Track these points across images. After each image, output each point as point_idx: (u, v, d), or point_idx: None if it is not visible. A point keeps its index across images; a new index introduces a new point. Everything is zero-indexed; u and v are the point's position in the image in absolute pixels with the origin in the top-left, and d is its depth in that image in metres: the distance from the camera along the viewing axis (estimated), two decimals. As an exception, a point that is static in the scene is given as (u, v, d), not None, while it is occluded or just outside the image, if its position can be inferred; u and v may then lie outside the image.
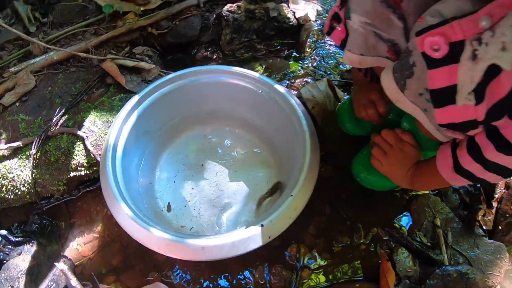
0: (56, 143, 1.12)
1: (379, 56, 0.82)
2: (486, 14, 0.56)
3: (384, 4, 0.71)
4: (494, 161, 0.75)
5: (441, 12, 0.61)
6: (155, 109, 1.14)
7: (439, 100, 0.68)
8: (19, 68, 1.29)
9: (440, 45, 0.61)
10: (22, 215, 1.20)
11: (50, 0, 1.57)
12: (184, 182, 1.18)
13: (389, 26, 0.74)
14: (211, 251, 0.84)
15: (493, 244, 1.21)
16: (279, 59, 1.57)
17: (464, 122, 0.67)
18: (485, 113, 0.63)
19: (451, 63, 0.61)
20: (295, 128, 1.05)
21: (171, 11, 1.52)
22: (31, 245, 1.14)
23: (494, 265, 1.19)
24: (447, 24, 0.59)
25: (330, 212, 1.15)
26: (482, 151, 0.74)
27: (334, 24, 0.89)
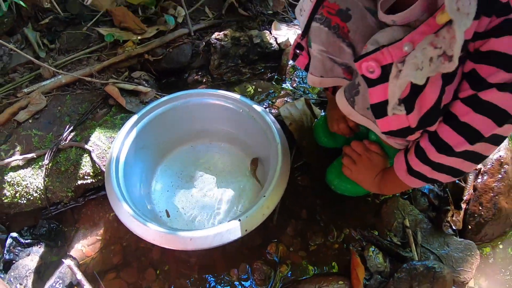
0: (66, 155, 1.27)
1: (337, 77, 1.00)
2: (408, 40, 0.71)
3: (335, 35, 0.89)
4: (438, 161, 0.87)
5: (378, 41, 0.77)
6: (151, 127, 1.29)
7: (378, 112, 0.84)
8: (31, 89, 1.44)
9: (374, 68, 0.77)
10: (31, 220, 1.31)
11: (56, 28, 1.72)
12: (178, 190, 1.33)
13: (341, 53, 0.91)
14: (197, 241, 0.99)
15: (463, 242, 1.31)
16: (262, 81, 1.72)
17: (400, 129, 0.83)
18: (418, 121, 0.79)
19: (383, 82, 0.77)
20: (269, 141, 1.21)
21: (165, 40, 1.67)
22: (39, 247, 1.25)
23: (465, 262, 1.28)
24: (378, 51, 0.75)
25: (306, 216, 1.29)
26: (427, 154, 0.87)
27: (297, 52, 1.07)
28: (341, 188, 1.31)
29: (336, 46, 0.92)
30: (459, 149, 0.81)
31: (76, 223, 1.31)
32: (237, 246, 1.22)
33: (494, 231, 1.39)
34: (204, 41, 1.73)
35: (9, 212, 1.28)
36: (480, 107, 0.74)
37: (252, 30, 1.75)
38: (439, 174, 0.90)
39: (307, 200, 1.32)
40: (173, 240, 1.00)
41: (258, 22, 1.86)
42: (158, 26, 1.69)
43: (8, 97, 1.46)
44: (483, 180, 1.42)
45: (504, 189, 1.40)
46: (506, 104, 0.71)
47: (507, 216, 1.39)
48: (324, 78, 1.02)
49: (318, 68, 1.01)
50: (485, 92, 0.71)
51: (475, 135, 0.78)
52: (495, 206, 1.37)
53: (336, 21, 0.89)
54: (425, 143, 0.86)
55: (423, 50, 0.69)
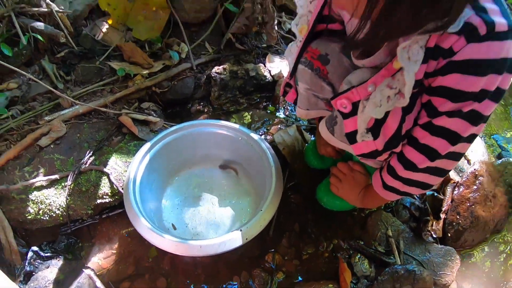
0: (86, 177, 1.44)
1: (320, 109, 1.20)
2: (372, 82, 0.90)
3: (317, 76, 1.10)
4: (407, 177, 1.04)
5: (350, 81, 0.96)
6: (162, 153, 1.47)
7: (351, 139, 1.04)
8: (52, 118, 1.60)
9: (346, 105, 0.97)
10: (49, 235, 1.44)
11: (71, 61, 1.88)
12: (185, 208, 1.50)
13: (322, 90, 1.12)
14: (206, 248, 1.17)
15: (443, 248, 1.46)
16: (258, 110, 1.90)
17: (370, 152, 1.02)
18: (383, 145, 0.97)
19: (354, 115, 0.97)
20: (265, 165, 1.40)
21: (170, 74, 1.85)
22: (58, 260, 1.38)
23: (445, 266, 1.42)
24: (349, 91, 0.94)
25: (299, 229, 1.46)
26: (396, 171, 1.04)
27: (287, 89, 1.28)
28: (330, 204, 1.48)
29: (318, 85, 1.13)
30: (422, 166, 0.98)
31: (93, 238, 1.45)
32: (238, 256, 1.38)
33: (474, 237, 1.53)
34: (205, 75, 1.91)
35: (31, 228, 1.42)
36: (435, 131, 0.90)
37: (248, 64, 1.94)
38: (409, 187, 1.06)
39: (299, 215, 1.49)
40: (186, 248, 1.17)
41: (253, 55, 2.05)
42: (163, 61, 1.88)
43: (29, 123, 1.62)
44: (459, 192, 1.57)
45: (480, 199, 1.54)
46: (456, 127, 0.87)
47: (486, 223, 1.53)
48: (310, 110, 1.23)
49: (304, 102, 1.22)
50: (438, 118, 0.88)
51: (434, 154, 0.94)
52: (472, 215, 1.51)
53: (318, 64, 1.10)
54: (394, 162, 1.04)
55: (381, 91, 0.88)
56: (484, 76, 0.78)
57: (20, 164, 1.49)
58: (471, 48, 0.76)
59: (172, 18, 1.98)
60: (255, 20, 2.03)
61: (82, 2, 2.02)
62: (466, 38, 0.75)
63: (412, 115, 0.93)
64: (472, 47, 0.76)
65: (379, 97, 0.89)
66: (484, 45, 0.75)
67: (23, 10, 1.80)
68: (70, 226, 1.43)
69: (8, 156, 1.49)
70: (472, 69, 0.78)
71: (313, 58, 1.11)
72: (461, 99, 0.83)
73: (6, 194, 1.40)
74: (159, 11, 1.93)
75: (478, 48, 0.75)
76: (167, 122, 1.72)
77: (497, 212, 1.58)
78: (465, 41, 0.75)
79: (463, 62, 0.78)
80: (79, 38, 1.96)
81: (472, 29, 0.74)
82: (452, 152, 0.94)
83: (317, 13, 1.04)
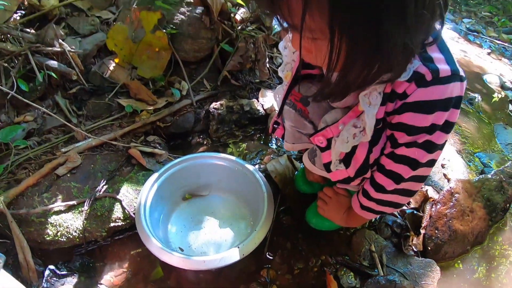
0: (101, 203, 1.62)
1: (304, 143, 1.41)
2: (342, 122, 1.09)
3: (300, 116, 1.30)
4: (379, 198, 1.21)
5: (326, 120, 1.14)
6: (168, 182, 1.66)
7: (328, 168, 1.23)
8: (68, 149, 1.78)
9: (322, 141, 1.16)
10: (64, 255, 1.57)
11: (82, 97, 2.07)
12: (189, 231, 1.66)
13: (305, 127, 1.32)
14: (209, 263, 1.35)
15: (424, 260, 1.59)
16: (252, 142, 2.09)
17: (344, 178, 1.22)
18: (355, 172, 1.16)
19: (329, 149, 1.17)
20: (258, 192, 1.59)
21: (173, 109, 2.05)
22: (73, 278, 1.51)
23: (426, 277, 1.54)
24: (324, 130, 1.13)
25: (291, 247, 1.62)
26: (369, 193, 1.23)
27: (275, 126, 1.49)
28: (318, 225, 1.65)
29: (301, 123, 1.33)
30: (390, 188, 1.16)
31: (105, 258, 1.60)
32: (237, 272, 1.55)
33: (454, 249, 1.66)
34: (204, 110, 2.11)
35: (48, 248, 1.56)
36: (398, 159, 1.09)
37: (243, 99, 2.15)
38: (383, 207, 1.24)
39: (291, 235, 1.66)
40: (192, 263, 1.35)
41: (247, 90, 2.26)
42: (166, 98, 2.08)
43: (46, 154, 1.80)
44: (436, 209, 1.72)
45: (457, 214, 1.70)
46: (414, 155, 1.06)
47: (464, 236, 1.68)
48: (295, 144, 1.45)
49: (291, 137, 1.44)
50: (399, 149, 1.07)
51: (399, 178, 1.12)
52: (450, 229, 1.65)
53: (300, 106, 1.30)
54: (367, 186, 1.23)
55: (347, 130, 1.07)
56: (432, 114, 0.96)
57: (39, 191, 1.65)
58: (420, 92, 0.92)
59: (173, 57, 2.19)
60: (249, 58, 2.25)
61: (90, 41, 2.23)
62: (416, 84, 0.91)
63: (378, 146, 1.12)
64: (421, 91, 0.92)
65: (346, 135, 1.08)
66: (430, 89, 0.91)
67: (38, 49, 1.99)
68: (85, 247, 1.59)
69: (27, 183, 1.65)
70: (422, 109, 0.95)
71: (296, 100, 1.31)
72: (415, 132, 1.00)
73: (26, 217, 1.56)
74: (161, 51, 2.14)
75: (426, 91, 0.92)
76: (171, 154, 1.92)
77: (476, 225, 1.73)
78: (415, 86, 0.91)
79: (415, 103, 0.95)
80: (88, 75, 2.15)
81: (420, 77, 0.90)
82: (415, 175, 1.12)
83: (299, 61, 1.23)
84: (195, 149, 2.06)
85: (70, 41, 2.17)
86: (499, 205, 1.84)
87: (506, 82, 3.34)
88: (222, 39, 2.29)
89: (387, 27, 0.73)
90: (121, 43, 2.14)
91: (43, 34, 2.07)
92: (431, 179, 1.98)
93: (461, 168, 2.05)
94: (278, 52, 2.59)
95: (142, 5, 2.25)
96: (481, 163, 2.21)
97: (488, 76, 3.39)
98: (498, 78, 3.36)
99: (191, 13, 2.20)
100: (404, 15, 0.74)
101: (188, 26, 2.17)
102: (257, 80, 2.37)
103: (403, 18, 0.74)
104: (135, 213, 1.57)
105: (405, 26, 0.75)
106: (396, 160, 1.10)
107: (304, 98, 1.28)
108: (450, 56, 0.94)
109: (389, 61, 0.82)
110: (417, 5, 0.74)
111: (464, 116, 2.68)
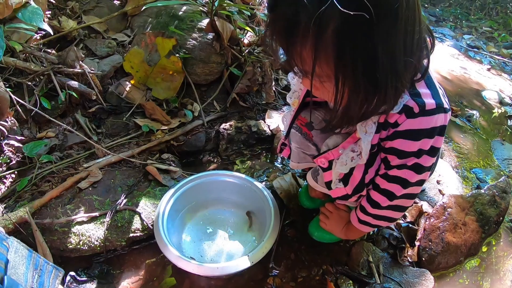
0: (122, 215, 1.79)
1: (308, 162, 1.58)
2: (341, 147, 1.26)
3: (304, 139, 1.49)
4: (375, 213, 1.37)
5: (328, 144, 1.32)
6: (183, 197, 1.83)
7: (329, 186, 1.40)
8: (89, 165, 1.96)
9: (324, 162, 1.33)
10: (82, 263, 1.70)
11: (101, 116, 2.26)
12: (201, 242, 1.83)
13: (309, 149, 1.51)
14: (222, 269, 1.52)
15: (419, 270, 1.71)
16: (259, 160, 2.27)
17: (342, 195, 1.39)
18: (352, 190, 1.33)
19: (330, 170, 1.34)
20: (265, 207, 1.76)
21: (185, 129, 2.24)
22: (92, 284, 1.64)
23: (420, 285, 1.65)
24: (326, 153, 1.30)
25: (294, 257, 1.78)
26: (366, 209, 1.39)
27: (282, 147, 1.67)
28: (320, 237, 1.80)
29: (306, 145, 1.52)
30: (384, 205, 1.32)
31: (122, 266, 1.74)
32: (245, 280, 1.70)
33: (447, 260, 1.77)
34: (214, 130, 2.30)
35: (69, 256, 1.69)
36: (391, 179, 1.26)
37: (250, 120, 2.34)
38: (378, 221, 1.40)
39: (295, 246, 1.82)
40: (207, 270, 1.53)
41: (255, 111, 2.46)
42: (179, 118, 2.28)
43: (68, 168, 1.98)
44: (430, 222, 1.86)
45: (450, 227, 1.82)
46: (405, 176, 1.22)
47: (457, 247, 1.79)
48: (300, 163, 1.62)
49: (296, 157, 1.61)
50: (391, 170, 1.24)
51: (392, 196, 1.29)
52: (442, 241, 1.77)
53: (305, 130, 1.49)
54: (364, 202, 1.40)
55: (346, 154, 1.25)
56: (419, 141, 1.13)
57: (62, 202, 1.81)
58: (409, 122, 1.08)
59: (186, 80, 2.39)
60: (256, 81, 2.45)
61: (108, 63, 2.43)
62: (405, 115, 1.07)
63: (373, 168, 1.30)
64: (409, 121, 1.08)
65: (345, 158, 1.26)
66: (418, 119, 1.07)
67: (60, 69, 2.19)
68: (105, 255, 1.74)
69: (51, 195, 1.82)
70: (411, 136, 1.11)
71: (302, 125, 1.50)
72: (405, 156, 1.17)
73: (49, 226, 1.70)
74: (175, 74, 2.34)
75: (413, 122, 1.07)
76: (185, 172, 2.10)
77: (469, 237, 1.85)
78: (405, 117, 1.07)
79: (404, 131, 1.11)
80: (105, 94, 2.35)
81: (409, 109, 1.06)
82: (406, 193, 1.28)
83: (305, 91, 1.41)
84: (206, 167, 2.23)
85: (88, 62, 2.37)
86: (492, 218, 1.97)
87: (505, 98, 3.48)
88: (231, 63, 2.49)
89: (381, 74, 0.91)
90: (137, 66, 2.34)
91: (65, 56, 2.26)
92: (426, 194, 2.14)
93: (456, 184, 2.19)
94: (284, 75, 2.79)
95: (156, 29, 2.46)
96: (477, 178, 2.35)
97: (487, 92, 3.53)
98: (497, 94, 3.50)
99: (202, 38, 2.41)
100: (395, 64, 0.92)
101: (199, 51, 2.38)
102: (264, 102, 2.56)
103: (394, 68, 0.93)
104: (153, 224, 1.74)
105: (396, 72, 0.94)
106: (389, 180, 1.27)
107: (309, 123, 1.47)
108: (436, 91, 1.09)
109: (385, 99, 0.97)
110: (406, 53, 0.93)
111: (462, 132, 2.82)
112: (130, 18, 2.87)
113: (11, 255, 1.23)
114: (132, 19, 2.84)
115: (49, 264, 1.42)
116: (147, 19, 2.73)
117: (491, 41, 4.92)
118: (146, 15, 2.75)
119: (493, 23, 5.42)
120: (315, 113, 1.48)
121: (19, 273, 1.24)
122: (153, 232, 1.72)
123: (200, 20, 2.51)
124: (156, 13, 2.67)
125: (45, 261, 1.40)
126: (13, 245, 1.28)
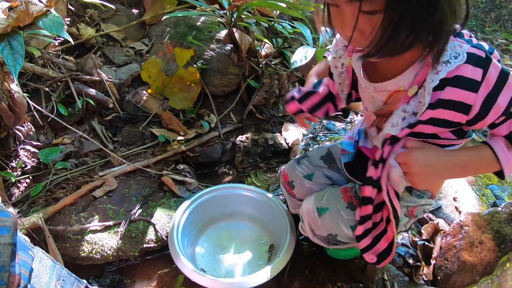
0: (136, 225, 1.83)
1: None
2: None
3: (289, 194, 1.68)
4: None
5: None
6: (198, 209, 1.88)
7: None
8: (105, 173, 2.01)
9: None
10: (94, 271, 1.76)
11: (117, 124, 2.32)
12: (214, 254, 1.86)
13: (294, 202, 1.69)
14: (237, 284, 1.55)
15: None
16: (275, 174, 2.30)
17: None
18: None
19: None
20: (281, 221, 1.80)
21: (202, 140, 2.29)
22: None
23: None
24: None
25: (309, 273, 1.80)
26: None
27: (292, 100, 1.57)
28: (335, 254, 1.82)
29: (291, 199, 1.70)
30: None
31: (134, 276, 1.78)
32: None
33: (463, 279, 1.75)
34: (231, 142, 2.35)
35: (81, 264, 1.74)
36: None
37: (267, 133, 2.38)
38: None
39: (309, 262, 1.84)
40: (221, 284, 1.56)
41: (271, 124, 2.51)
42: (196, 129, 2.33)
43: (83, 176, 2.03)
44: (446, 240, 1.86)
45: (466, 246, 1.80)
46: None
47: (473, 266, 1.77)
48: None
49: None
50: (503, 125, 1.07)
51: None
52: (459, 260, 1.76)
53: (288, 188, 1.65)
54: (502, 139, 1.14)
55: (397, 114, 1.12)
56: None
57: (76, 210, 1.86)
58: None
59: (203, 91, 2.44)
60: (273, 93, 2.49)
61: (125, 71, 2.49)
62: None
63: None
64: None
65: (395, 119, 1.14)
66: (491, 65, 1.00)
67: (78, 77, 2.25)
68: (117, 265, 1.78)
69: (65, 202, 1.87)
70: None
71: (286, 182, 1.66)
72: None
73: (62, 233, 1.75)
74: (192, 85, 2.40)
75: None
76: (200, 183, 2.14)
77: (485, 256, 1.83)
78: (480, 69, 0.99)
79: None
80: (122, 102, 2.41)
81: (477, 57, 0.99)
82: None
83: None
84: (221, 178, 2.27)
85: (106, 70, 2.43)
86: (508, 236, 1.93)
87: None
88: (248, 75, 2.55)
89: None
90: (155, 75, 2.40)
91: (83, 63, 2.33)
92: (442, 211, 2.14)
93: (473, 201, 2.19)
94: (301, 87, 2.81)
95: (174, 39, 2.52)
96: (493, 195, 2.34)
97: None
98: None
99: (220, 49, 2.46)
100: None
101: (217, 62, 2.43)
102: (280, 114, 2.61)
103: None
104: (167, 236, 1.78)
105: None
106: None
107: (290, 182, 1.66)
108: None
109: (438, 24, 0.91)
110: None
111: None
112: (148, 27, 2.94)
113: (36, 265, 1.26)
114: (150, 28, 2.91)
115: (71, 275, 1.45)
116: (165, 28, 2.79)
117: (506, 54, 4.88)
118: (164, 24, 2.82)
119: (508, 35, 5.39)
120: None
121: (42, 283, 1.26)
122: (166, 243, 1.76)
123: (218, 31, 2.56)
124: (175, 23, 2.74)
125: (68, 273, 1.43)
126: (38, 255, 1.31)
